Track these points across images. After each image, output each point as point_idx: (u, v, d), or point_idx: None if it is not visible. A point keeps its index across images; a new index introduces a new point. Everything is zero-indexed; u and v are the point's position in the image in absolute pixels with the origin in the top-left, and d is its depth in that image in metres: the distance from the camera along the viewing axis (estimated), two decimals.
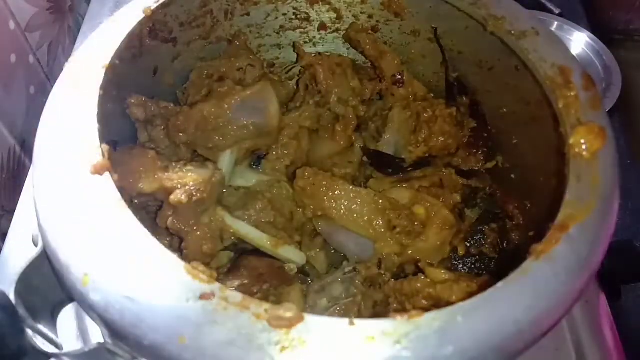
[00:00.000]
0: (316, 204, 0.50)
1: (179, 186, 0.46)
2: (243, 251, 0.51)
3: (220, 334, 0.30)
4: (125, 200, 0.36)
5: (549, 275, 0.34)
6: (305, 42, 0.62)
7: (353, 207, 0.49)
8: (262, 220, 0.51)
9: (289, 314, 0.31)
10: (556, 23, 0.87)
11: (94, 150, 0.37)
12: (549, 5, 0.91)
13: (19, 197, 0.65)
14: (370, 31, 0.60)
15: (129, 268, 0.33)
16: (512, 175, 0.53)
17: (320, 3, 0.59)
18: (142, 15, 0.47)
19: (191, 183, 0.46)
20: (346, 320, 0.31)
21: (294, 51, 0.62)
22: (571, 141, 0.40)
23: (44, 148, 0.39)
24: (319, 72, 0.59)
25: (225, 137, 0.52)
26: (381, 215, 0.49)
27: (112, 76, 0.43)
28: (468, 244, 0.53)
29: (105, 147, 0.38)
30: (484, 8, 0.49)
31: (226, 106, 0.52)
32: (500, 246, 0.53)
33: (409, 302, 0.45)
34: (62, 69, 0.43)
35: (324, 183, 0.50)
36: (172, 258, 0.33)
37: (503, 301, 0.32)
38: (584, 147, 0.40)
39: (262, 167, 0.56)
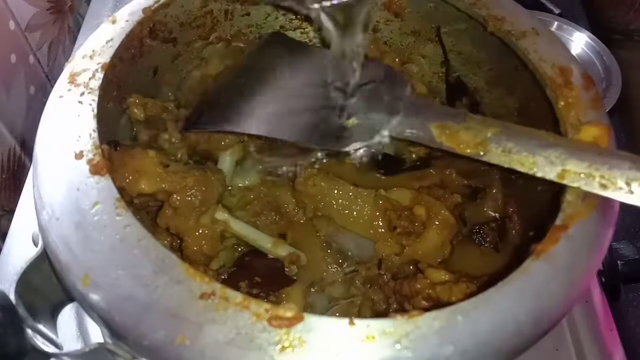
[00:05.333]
0: (316, 204, 0.50)
1: (179, 186, 0.46)
2: (243, 251, 0.51)
3: (220, 334, 0.30)
4: (125, 200, 0.36)
5: (549, 275, 0.34)
6: None
7: (353, 207, 0.49)
8: (262, 220, 0.51)
9: (289, 314, 0.31)
10: (556, 23, 0.87)
11: (94, 150, 0.37)
12: (549, 5, 0.91)
13: (19, 197, 0.65)
14: (370, 31, 0.60)
15: (129, 268, 0.33)
16: (513, 176, 0.53)
17: None
18: (142, 15, 0.47)
19: (191, 183, 0.46)
20: (346, 320, 0.31)
21: None
22: (580, 137, 0.40)
23: (44, 148, 0.39)
24: None
25: (225, 137, 0.52)
26: (381, 215, 0.49)
27: (112, 76, 0.43)
28: None
29: (105, 147, 0.38)
30: (484, 8, 0.49)
31: None
32: (500, 246, 0.53)
33: (409, 303, 0.45)
34: (62, 69, 0.43)
35: (324, 183, 0.50)
36: (172, 258, 0.33)
37: (503, 301, 0.32)
38: None
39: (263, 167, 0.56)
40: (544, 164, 0.38)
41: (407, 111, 0.45)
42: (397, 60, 0.59)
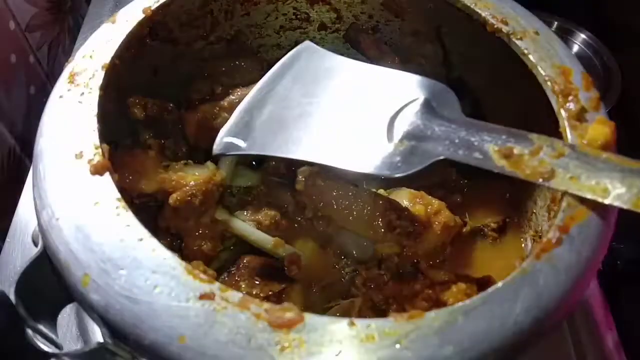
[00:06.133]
0: (316, 204, 0.50)
1: (179, 186, 0.46)
2: (243, 251, 0.51)
3: (220, 334, 0.30)
4: (125, 200, 0.36)
5: (549, 275, 0.34)
6: None
7: (353, 207, 0.49)
8: (262, 220, 0.51)
9: (289, 314, 0.31)
10: (556, 23, 0.87)
11: (94, 150, 0.37)
12: (549, 5, 0.91)
13: (19, 197, 0.65)
14: (370, 31, 0.60)
15: (129, 268, 0.33)
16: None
17: (320, 3, 0.59)
18: (142, 15, 0.47)
19: (191, 183, 0.46)
20: (346, 320, 0.31)
21: None
22: (589, 136, 0.40)
23: (44, 148, 0.39)
24: None
25: None
26: (381, 215, 0.49)
27: (112, 76, 0.43)
28: None
29: (105, 147, 0.38)
30: (484, 8, 0.49)
31: (226, 106, 0.52)
32: (500, 245, 0.53)
33: (409, 303, 0.45)
34: (62, 69, 0.43)
35: (324, 183, 0.50)
36: (172, 258, 0.33)
37: (503, 301, 0.32)
38: (597, 142, 0.40)
39: (263, 167, 0.56)
40: (617, 191, 0.35)
41: (464, 133, 0.41)
42: (397, 60, 0.59)
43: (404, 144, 0.43)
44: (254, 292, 0.46)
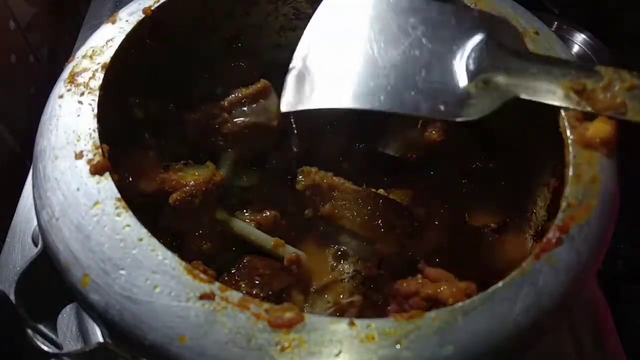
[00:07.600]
0: (317, 204, 0.50)
1: (179, 186, 0.46)
2: (243, 251, 0.51)
3: (220, 334, 0.30)
4: (125, 200, 0.36)
5: (549, 275, 0.34)
6: None
7: (353, 207, 0.49)
8: (262, 220, 0.51)
9: (289, 314, 0.31)
10: (556, 23, 0.87)
11: (94, 150, 0.37)
12: (549, 5, 0.91)
13: (19, 197, 0.65)
14: None
15: (129, 268, 0.33)
16: (513, 176, 0.53)
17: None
18: (142, 15, 0.47)
19: (191, 183, 0.46)
20: (346, 320, 0.31)
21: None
22: (590, 133, 0.40)
23: (44, 148, 0.39)
24: None
25: (225, 137, 0.52)
26: (381, 215, 0.49)
27: (112, 76, 0.43)
28: None
29: (105, 147, 0.38)
30: (484, 8, 0.49)
31: (226, 106, 0.52)
32: (500, 246, 0.53)
33: (408, 303, 0.45)
34: (62, 69, 0.43)
35: (325, 183, 0.50)
36: (172, 258, 0.33)
37: (503, 301, 0.32)
38: (597, 140, 0.40)
39: (263, 167, 0.56)
40: None
41: (534, 69, 0.40)
42: None
43: (476, 85, 0.42)
44: (254, 292, 0.46)
